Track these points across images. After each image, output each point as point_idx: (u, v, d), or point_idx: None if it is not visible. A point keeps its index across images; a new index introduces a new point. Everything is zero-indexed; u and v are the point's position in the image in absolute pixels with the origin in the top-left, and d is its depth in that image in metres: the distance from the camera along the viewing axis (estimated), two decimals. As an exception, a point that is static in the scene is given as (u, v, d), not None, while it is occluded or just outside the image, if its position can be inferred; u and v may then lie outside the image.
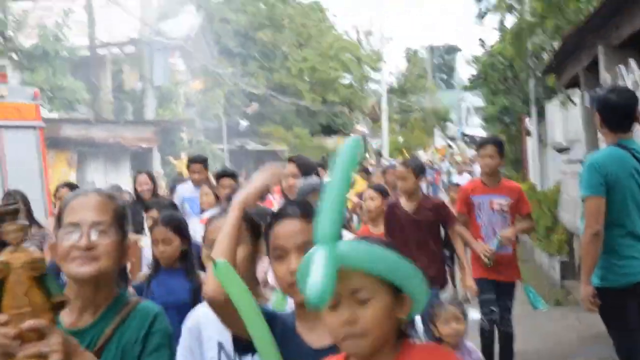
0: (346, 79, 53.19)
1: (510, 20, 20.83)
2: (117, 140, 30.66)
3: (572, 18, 14.41)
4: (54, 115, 28.59)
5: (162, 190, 17.20)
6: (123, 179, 29.47)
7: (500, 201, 9.35)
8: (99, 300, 3.28)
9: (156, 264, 6.66)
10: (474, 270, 9.44)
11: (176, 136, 34.00)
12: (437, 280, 8.92)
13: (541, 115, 22.89)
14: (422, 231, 9.07)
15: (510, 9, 19.37)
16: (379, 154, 62.61)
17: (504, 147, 9.75)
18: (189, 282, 6.36)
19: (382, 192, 10.01)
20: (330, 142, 55.26)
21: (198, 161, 12.28)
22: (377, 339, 2.73)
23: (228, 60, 42.92)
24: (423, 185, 18.09)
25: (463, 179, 24.58)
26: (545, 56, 18.71)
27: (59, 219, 3.31)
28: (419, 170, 9.38)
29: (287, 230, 3.35)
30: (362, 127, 65.79)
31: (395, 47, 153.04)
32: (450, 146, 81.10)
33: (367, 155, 61.55)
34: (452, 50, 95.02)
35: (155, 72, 33.81)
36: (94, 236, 3.21)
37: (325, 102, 48.80)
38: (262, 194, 3.62)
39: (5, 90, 12.94)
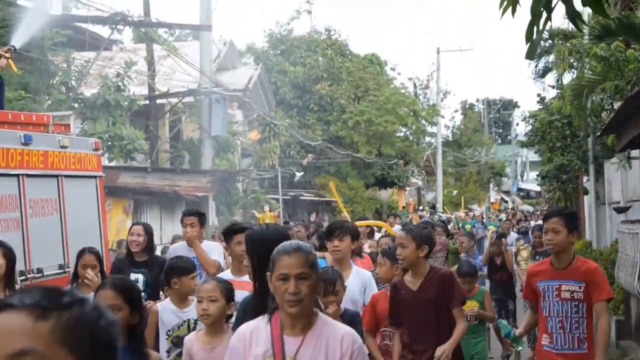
0: (402, 132, 53.29)
1: (568, 78, 20.78)
2: (173, 189, 30.92)
3: (632, 79, 14.35)
4: (113, 163, 28.95)
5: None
6: (177, 227, 29.68)
7: (571, 287, 7.53)
8: None
9: None
10: None
11: (232, 186, 34.23)
12: None
13: (599, 173, 22.75)
14: (428, 311, 7.69)
15: (570, 67, 19.33)
16: (432, 208, 62.50)
17: (575, 220, 8.01)
18: None
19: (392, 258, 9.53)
20: (385, 194, 55.29)
21: (192, 214, 10.99)
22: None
23: (285, 111, 43.21)
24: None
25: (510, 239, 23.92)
26: (605, 115, 18.62)
27: None
28: (422, 239, 7.82)
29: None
30: (416, 180, 65.79)
31: (452, 101, 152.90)
32: (504, 200, 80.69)
33: (420, 208, 61.47)
34: (508, 104, 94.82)
35: (213, 122, 34.10)
36: None
37: (380, 155, 48.89)
38: None
39: (67, 141, 13.10)
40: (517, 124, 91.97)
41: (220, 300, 6.60)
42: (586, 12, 14.29)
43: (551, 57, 23.35)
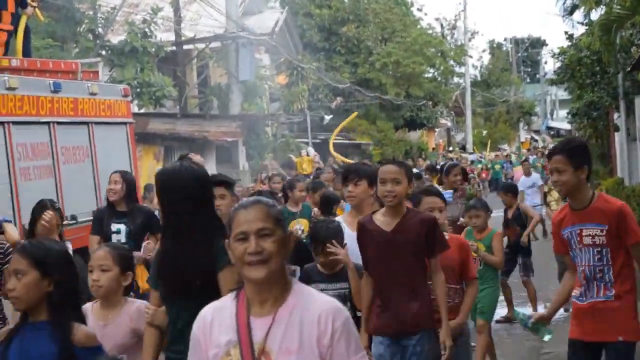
0: (430, 73, 53.03)
1: (597, 14, 20.57)
2: (202, 135, 30.97)
3: (662, 12, 14.22)
4: (142, 110, 29.02)
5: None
6: (209, 172, 29.77)
7: (591, 231, 6.56)
8: None
9: (23, 315, 4.77)
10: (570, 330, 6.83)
11: (261, 130, 34.24)
12: (421, 322, 6.68)
13: (629, 109, 22.59)
14: (400, 257, 6.66)
15: (598, 2, 19.13)
16: (462, 148, 62.38)
17: (583, 153, 6.70)
18: (55, 343, 4.59)
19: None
20: (414, 135, 55.18)
21: (220, 183, 9.34)
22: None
23: (312, 54, 43.04)
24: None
25: (532, 179, 23.29)
26: (634, 50, 18.51)
27: None
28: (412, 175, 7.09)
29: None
30: (445, 121, 65.59)
31: (480, 40, 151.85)
32: (534, 140, 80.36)
33: (449, 148, 61.36)
34: (536, 43, 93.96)
35: (241, 67, 34.01)
36: None
37: (409, 96, 48.70)
38: None
39: (97, 88, 13.18)
40: (546, 62, 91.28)
41: (113, 269, 5.72)
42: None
43: (579, -6, 23.13)
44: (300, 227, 10.94)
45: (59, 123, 12.06)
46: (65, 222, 11.85)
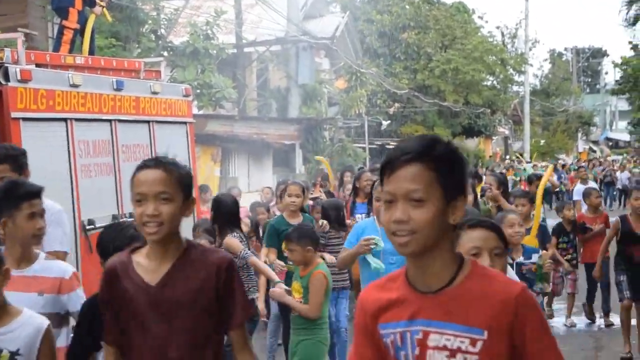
0: (489, 81, 52.78)
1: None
2: (260, 137, 31.09)
3: None
4: (201, 111, 29.17)
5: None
6: (266, 175, 29.92)
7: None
8: None
9: None
10: None
11: (319, 134, 34.29)
12: None
13: (692, 121, 22.38)
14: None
15: (663, 12, 18.97)
16: (520, 156, 62.01)
17: None
18: None
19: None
20: (472, 143, 54.95)
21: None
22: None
23: (372, 60, 43.06)
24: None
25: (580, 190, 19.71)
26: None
27: None
28: None
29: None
30: (503, 129, 65.21)
31: (540, 50, 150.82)
32: (593, 150, 79.65)
33: (507, 157, 60.98)
34: (597, 53, 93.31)
35: (301, 70, 34.14)
36: None
37: (467, 104, 48.51)
38: None
39: (159, 87, 13.24)
40: (607, 73, 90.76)
41: None
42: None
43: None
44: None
45: (120, 121, 12.12)
46: (123, 220, 11.98)
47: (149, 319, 4.13)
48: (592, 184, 23.26)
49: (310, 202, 13.25)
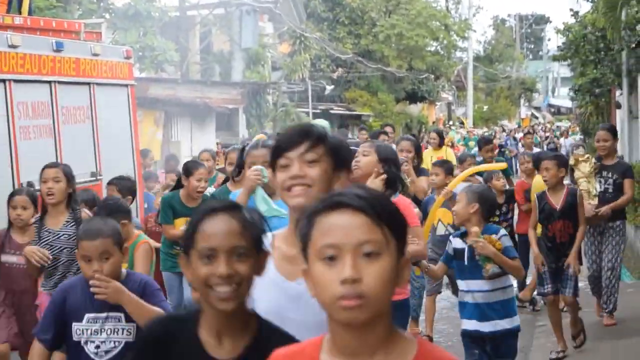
0: (433, 46, 52.88)
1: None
2: (203, 101, 30.91)
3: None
4: (143, 74, 28.93)
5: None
6: (209, 139, 29.77)
7: None
8: None
9: None
10: None
11: (262, 98, 34.18)
12: None
13: (632, 86, 22.56)
14: None
15: (604, -22, 19.06)
16: (462, 123, 62.33)
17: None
18: None
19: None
20: (415, 108, 55.10)
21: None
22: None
23: (315, 24, 42.93)
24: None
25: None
26: (639, 28, 18.45)
27: None
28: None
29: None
30: (447, 95, 65.52)
31: (484, 16, 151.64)
32: (535, 116, 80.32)
33: (450, 123, 61.30)
34: (540, 19, 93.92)
35: (244, 34, 33.96)
36: None
37: (411, 69, 48.59)
38: None
39: (99, 48, 13.09)
40: (549, 39, 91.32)
41: None
42: None
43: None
44: None
45: (60, 82, 11.98)
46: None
47: None
48: (535, 150, 22.94)
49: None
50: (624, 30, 19.12)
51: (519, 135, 42.56)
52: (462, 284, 7.62)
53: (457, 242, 7.61)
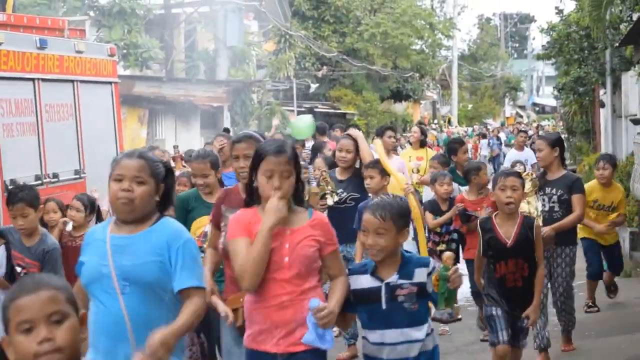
0: (418, 45, 52.89)
1: (588, -10, 20.56)
2: (188, 99, 30.89)
3: (653, -12, 14.21)
4: (127, 72, 28.88)
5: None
6: (193, 137, 29.75)
7: None
8: None
9: None
10: None
11: (247, 97, 34.15)
12: None
13: (616, 85, 22.62)
14: None
15: (588, -23, 19.09)
16: (447, 121, 62.42)
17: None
18: None
19: None
20: (400, 107, 55.13)
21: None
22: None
23: (300, 22, 42.90)
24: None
25: (524, 155, 19.22)
26: (623, 27, 18.46)
27: None
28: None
29: None
30: (431, 94, 65.57)
31: (469, 15, 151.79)
32: (519, 115, 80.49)
33: (434, 122, 61.35)
34: (525, 19, 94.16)
35: (229, 32, 33.91)
36: None
37: (396, 68, 48.58)
38: None
39: (83, 46, 13.09)
40: (534, 38, 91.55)
41: None
42: None
43: (570, -31, 23.11)
44: None
45: (43, 80, 11.98)
46: (46, 180, 11.85)
47: None
48: (527, 151, 20.36)
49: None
50: (608, 29, 19.17)
51: (503, 135, 42.42)
52: (372, 335, 5.31)
53: (365, 281, 5.30)
